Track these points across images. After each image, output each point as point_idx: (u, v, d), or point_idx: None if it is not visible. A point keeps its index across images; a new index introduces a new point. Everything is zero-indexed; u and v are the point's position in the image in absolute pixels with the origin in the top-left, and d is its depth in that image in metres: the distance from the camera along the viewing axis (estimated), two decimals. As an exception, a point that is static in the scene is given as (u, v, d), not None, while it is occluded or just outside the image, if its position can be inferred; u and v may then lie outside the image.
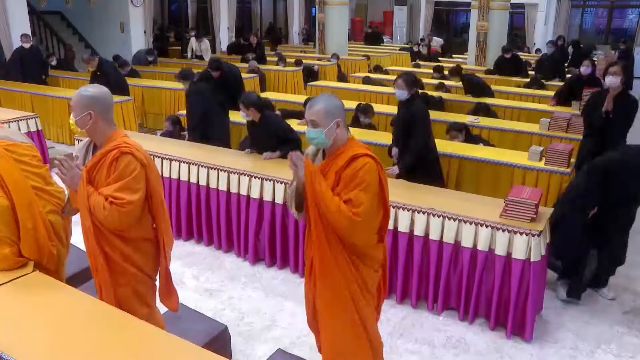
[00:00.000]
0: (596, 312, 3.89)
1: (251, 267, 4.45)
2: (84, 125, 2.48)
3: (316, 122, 2.40)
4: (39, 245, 2.70)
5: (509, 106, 7.34)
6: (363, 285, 2.53)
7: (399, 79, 4.43)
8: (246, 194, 4.37)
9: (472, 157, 4.98)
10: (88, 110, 2.45)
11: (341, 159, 2.42)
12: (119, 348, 2.12)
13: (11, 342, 2.11)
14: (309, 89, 9.03)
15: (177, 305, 2.78)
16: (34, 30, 11.21)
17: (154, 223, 2.60)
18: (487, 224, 3.45)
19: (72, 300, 2.46)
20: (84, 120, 2.47)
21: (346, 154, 2.42)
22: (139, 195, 2.44)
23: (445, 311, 3.80)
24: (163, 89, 8.70)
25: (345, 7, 13.64)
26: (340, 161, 2.42)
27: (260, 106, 4.60)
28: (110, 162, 2.43)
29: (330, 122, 2.39)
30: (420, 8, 20.03)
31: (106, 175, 2.44)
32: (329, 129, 2.40)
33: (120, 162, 2.42)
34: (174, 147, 5.04)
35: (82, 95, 2.49)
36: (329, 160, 2.47)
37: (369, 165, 2.37)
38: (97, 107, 2.47)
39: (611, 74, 4.54)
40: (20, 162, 2.71)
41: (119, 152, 2.42)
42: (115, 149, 2.44)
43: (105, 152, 2.46)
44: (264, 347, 3.39)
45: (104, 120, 2.49)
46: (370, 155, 2.41)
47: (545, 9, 17.60)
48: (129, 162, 2.42)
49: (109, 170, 2.43)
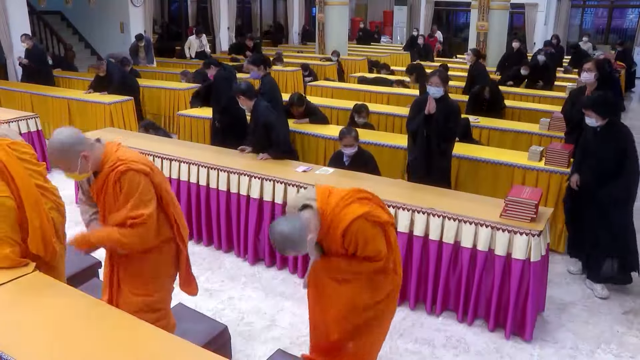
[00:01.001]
0: (596, 312, 3.89)
1: (251, 267, 4.45)
2: (85, 169, 2.41)
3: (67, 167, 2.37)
4: (45, 242, 2.72)
5: (509, 106, 7.33)
6: None
7: (433, 76, 4.33)
8: (246, 194, 4.37)
9: (472, 157, 4.97)
10: (80, 155, 2.36)
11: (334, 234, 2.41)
12: (118, 348, 2.12)
13: (11, 342, 2.11)
14: (309, 89, 9.03)
15: (196, 291, 2.86)
16: (34, 30, 11.21)
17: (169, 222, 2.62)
18: (487, 224, 3.45)
19: (72, 300, 2.46)
20: (83, 165, 2.39)
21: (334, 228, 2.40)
22: (152, 205, 2.45)
23: (444, 311, 3.80)
24: (163, 89, 8.70)
25: (345, 7, 13.64)
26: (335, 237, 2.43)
27: (251, 94, 4.67)
28: (113, 184, 2.41)
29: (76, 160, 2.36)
30: (420, 8, 20.03)
31: (114, 197, 2.43)
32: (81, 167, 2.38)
33: (123, 182, 2.40)
34: (174, 147, 5.04)
35: (64, 148, 2.35)
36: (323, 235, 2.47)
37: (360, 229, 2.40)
38: (82, 146, 2.38)
39: (585, 71, 4.74)
40: (22, 160, 2.72)
41: (119, 174, 2.39)
42: (114, 171, 2.40)
43: (104, 175, 2.43)
44: (264, 347, 3.39)
45: (92, 147, 2.43)
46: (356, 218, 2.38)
47: (545, 9, 17.61)
48: (131, 178, 2.40)
49: (115, 192, 2.42)
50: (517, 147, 5.70)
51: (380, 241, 2.45)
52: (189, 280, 2.82)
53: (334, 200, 2.39)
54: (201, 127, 6.64)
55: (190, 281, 2.83)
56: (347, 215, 2.35)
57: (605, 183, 3.89)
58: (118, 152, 2.47)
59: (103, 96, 7.60)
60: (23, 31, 9.40)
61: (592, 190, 3.97)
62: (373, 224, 2.41)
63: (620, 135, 3.94)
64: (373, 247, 2.42)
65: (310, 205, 2.38)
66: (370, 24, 20.93)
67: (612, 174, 3.88)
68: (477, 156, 4.98)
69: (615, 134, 3.94)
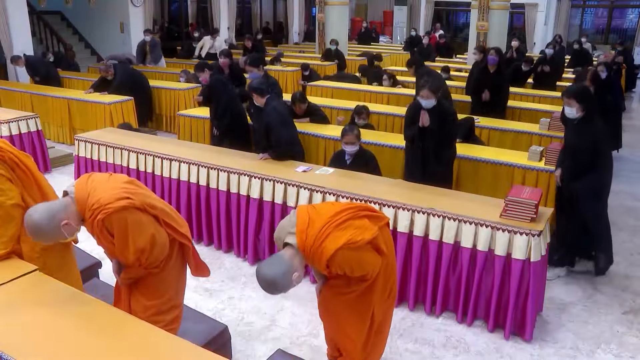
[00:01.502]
0: (596, 312, 3.89)
1: (251, 267, 4.45)
2: (73, 231, 2.38)
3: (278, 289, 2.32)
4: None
5: (509, 106, 7.33)
6: None
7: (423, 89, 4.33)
8: (246, 194, 4.37)
9: (472, 157, 4.97)
10: (62, 224, 2.31)
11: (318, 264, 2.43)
12: (119, 348, 2.12)
13: (11, 342, 2.11)
14: (309, 89, 9.03)
15: (208, 272, 2.87)
16: (34, 30, 11.22)
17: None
18: (487, 224, 3.45)
19: (72, 300, 2.46)
20: (69, 229, 2.34)
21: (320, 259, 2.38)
22: (148, 229, 2.41)
23: (444, 312, 3.80)
24: (163, 89, 8.70)
25: (345, 7, 13.64)
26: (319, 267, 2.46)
27: (262, 91, 4.78)
28: (100, 232, 2.37)
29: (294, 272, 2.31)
30: (420, 8, 20.03)
31: (107, 240, 2.41)
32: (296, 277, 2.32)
33: (110, 228, 2.36)
34: (174, 147, 5.04)
35: (43, 230, 2.30)
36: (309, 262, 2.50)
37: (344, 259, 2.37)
38: (57, 218, 2.32)
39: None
40: None
41: (100, 223, 2.33)
42: (94, 222, 2.34)
43: (89, 225, 2.39)
44: (264, 347, 3.39)
45: (68, 211, 2.36)
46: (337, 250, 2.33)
47: (545, 9, 17.61)
48: (115, 221, 2.34)
49: (106, 237, 2.39)
50: (517, 147, 5.70)
51: (367, 261, 2.44)
52: (200, 266, 2.82)
53: (312, 232, 2.34)
54: (201, 127, 6.63)
55: (201, 267, 2.84)
56: (327, 249, 2.31)
57: (579, 177, 4.00)
58: (90, 199, 2.36)
59: (103, 96, 7.60)
60: (23, 31, 9.43)
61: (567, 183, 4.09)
62: (356, 249, 2.37)
63: (596, 129, 4.01)
64: (360, 270, 2.44)
65: (290, 243, 2.36)
66: (370, 23, 20.93)
67: (586, 168, 3.98)
68: (477, 156, 4.98)
69: (591, 128, 4.01)
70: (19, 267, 2.67)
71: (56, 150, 7.25)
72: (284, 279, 2.26)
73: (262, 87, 4.83)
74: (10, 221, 2.74)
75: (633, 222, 5.49)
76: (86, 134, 5.67)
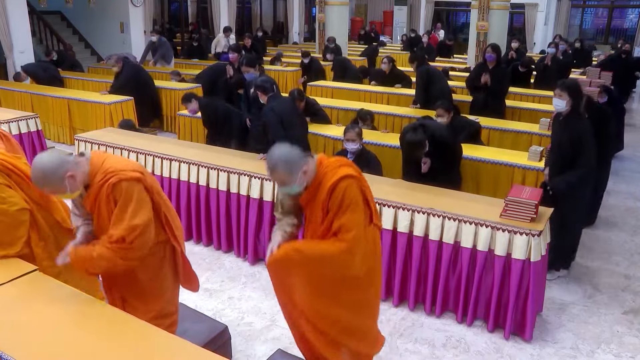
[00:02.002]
0: (596, 312, 3.89)
1: (251, 267, 4.45)
2: (75, 187, 2.39)
3: (285, 182, 2.42)
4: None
5: (509, 106, 7.32)
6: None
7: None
8: (246, 194, 4.37)
9: (472, 157, 4.97)
10: (66, 176, 2.33)
11: (321, 191, 2.44)
12: (118, 348, 2.12)
13: (11, 342, 2.11)
14: (309, 89, 9.02)
15: (197, 287, 2.86)
16: (34, 30, 11.21)
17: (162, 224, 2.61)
18: (487, 224, 3.45)
19: (72, 300, 2.46)
20: (71, 185, 2.36)
21: (324, 185, 2.44)
22: (149, 211, 2.43)
23: (444, 312, 3.80)
24: (163, 89, 8.69)
25: (345, 7, 13.63)
26: (321, 194, 2.44)
27: (265, 89, 4.78)
28: (106, 197, 2.38)
29: (296, 175, 2.39)
30: (420, 8, 20.03)
31: (107, 210, 2.41)
32: (299, 180, 2.41)
33: (117, 194, 2.37)
34: (174, 147, 5.04)
35: (47, 174, 2.32)
36: (310, 195, 2.49)
37: (349, 186, 2.42)
38: (65, 168, 2.34)
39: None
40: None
41: (110, 186, 2.36)
42: (104, 185, 2.37)
43: (96, 189, 2.40)
44: (264, 347, 3.39)
45: (78, 168, 2.39)
46: (347, 176, 2.43)
47: (545, 9, 17.60)
48: (124, 189, 2.37)
49: (108, 205, 2.40)
50: (517, 147, 5.70)
51: (359, 215, 2.45)
52: (189, 276, 2.82)
53: (332, 159, 2.53)
54: (201, 127, 6.63)
55: (190, 277, 2.83)
56: (340, 171, 2.44)
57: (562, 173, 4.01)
58: (105, 164, 2.42)
59: (103, 96, 7.60)
60: (23, 31, 9.41)
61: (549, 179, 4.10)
62: (360, 192, 2.46)
63: (580, 125, 4.00)
64: (351, 216, 2.41)
65: (312, 155, 2.50)
66: (370, 24, 20.92)
67: (569, 164, 3.97)
68: (477, 156, 4.98)
69: (576, 123, 4.00)
70: (19, 267, 2.67)
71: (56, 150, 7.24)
72: (298, 160, 2.38)
73: (266, 85, 4.81)
74: (19, 226, 2.75)
75: (633, 222, 5.49)
76: (86, 134, 5.67)
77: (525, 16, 17.90)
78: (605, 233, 5.20)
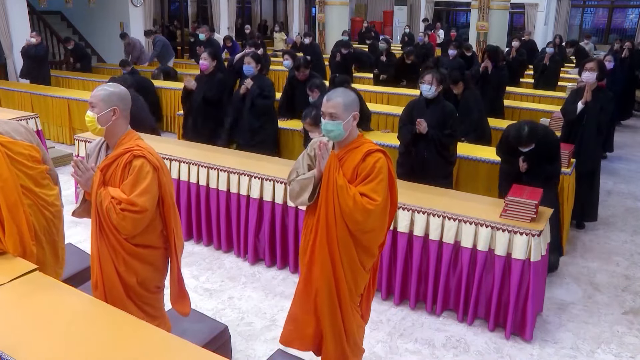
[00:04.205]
0: (596, 312, 3.89)
1: (251, 267, 4.45)
2: (105, 122, 2.43)
3: (335, 114, 2.44)
4: (24, 244, 2.73)
5: (509, 106, 7.33)
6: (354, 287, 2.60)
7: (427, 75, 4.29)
8: (246, 194, 4.37)
9: (472, 157, 4.97)
10: (113, 107, 2.42)
11: (357, 153, 2.48)
12: (118, 348, 2.12)
13: (11, 342, 2.11)
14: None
15: (189, 310, 2.78)
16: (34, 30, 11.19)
17: (163, 229, 2.59)
18: (487, 224, 3.45)
19: (72, 300, 2.46)
20: (107, 116, 2.42)
21: (361, 149, 2.48)
22: (152, 200, 2.43)
23: (444, 311, 3.80)
24: (163, 89, 8.69)
25: (345, 7, 13.66)
26: (356, 156, 2.47)
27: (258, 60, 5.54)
28: (124, 165, 2.41)
29: (348, 115, 2.44)
30: (420, 8, 20.03)
31: (120, 178, 2.42)
32: (346, 122, 2.45)
33: (134, 166, 2.40)
34: (174, 147, 5.04)
35: (108, 91, 2.44)
36: (343, 154, 2.51)
37: (382, 161, 2.45)
38: (121, 104, 2.45)
39: (587, 70, 4.86)
40: (13, 160, 2.71)
41: (132, 156, 2.41)
42: (129, 152, 2.42)
43: (118, 154, 2.43)
44: (264, 347, 3.39)
45: (124, 119, 2.48)
46: (382, 152, 2.48)
47: (545, 9, 17.59)
48: (142, 165, 2.40)
49: (122, 174, 2.42)
50: (517, 147, 5.68)
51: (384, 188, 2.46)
52: (181, 296, 2.73)
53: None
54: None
55: (183, 298, 2.74)
56: (376, 146, 2.51)
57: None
58: (138, 140, 2.50)
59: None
60: (23, 31, 9.40)
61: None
62: (388, 171, 2.49)
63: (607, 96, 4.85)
64: (377, 185, 2.42)
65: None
66: (370, 23, 20.91)
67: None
68: (477, 156, 4.98)
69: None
70: (19, 267, 2.67)
71: (56, 150, 7.24)
72: (355, 100, 2.49)
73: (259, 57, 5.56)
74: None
75: (633, 222, 5.49)
76: (86, 134, 5.66)
77: (525, 16, 17.88)
78: (605, 233, 5.20)
